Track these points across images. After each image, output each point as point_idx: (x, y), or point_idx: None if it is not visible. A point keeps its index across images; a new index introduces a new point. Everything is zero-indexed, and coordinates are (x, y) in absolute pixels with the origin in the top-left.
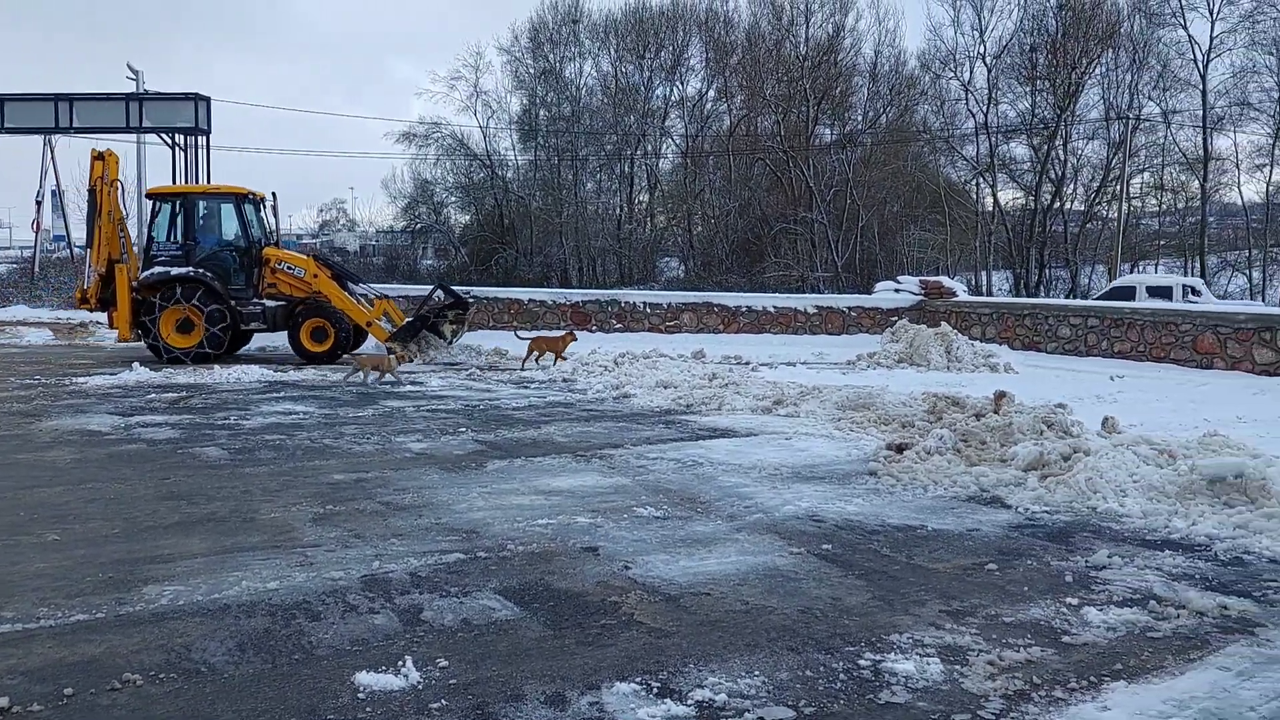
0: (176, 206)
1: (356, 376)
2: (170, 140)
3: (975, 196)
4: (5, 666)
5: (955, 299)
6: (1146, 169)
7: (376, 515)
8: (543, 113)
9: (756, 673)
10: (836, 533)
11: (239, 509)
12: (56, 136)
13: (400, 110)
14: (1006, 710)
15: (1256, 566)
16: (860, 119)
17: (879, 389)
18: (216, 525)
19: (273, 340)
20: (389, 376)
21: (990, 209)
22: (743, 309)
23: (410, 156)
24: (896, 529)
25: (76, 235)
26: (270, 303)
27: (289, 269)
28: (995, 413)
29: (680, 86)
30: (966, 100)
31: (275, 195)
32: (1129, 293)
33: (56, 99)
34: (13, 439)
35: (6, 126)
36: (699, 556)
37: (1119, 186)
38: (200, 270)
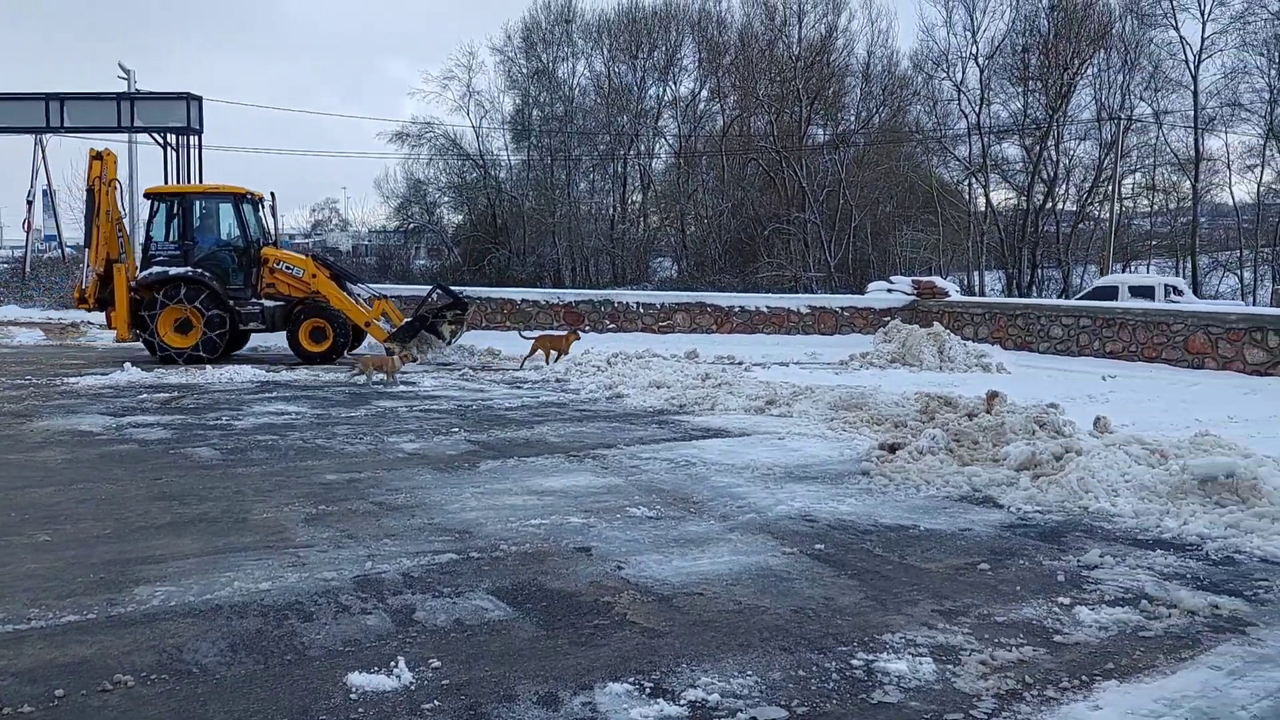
0: (175, 206)
1: (361, 377)
2: (162, 140)
3: (968, 197)
4: None
5: (948, 299)
6: (1138, 169)
7: (369, 516)
8: (536, 113)
9: (749, 672)
10: (829, 533)
11: (231, 509)
12: (48, 136)
13: (393, 110)
14: (999, 710)
15: (1247, 566)
16: (853, 119)
17: (872, 389)
18: (208, 526)
19: (265, 340)
20: (381, 376)
21: (983, 209)
22: (736, 309)
23: (403, 156)
24: (889, 529)
25: (68, 235)
26: (269, 303)
27: (288, 269)
28: (988, 412)
29: (673, 86)
30: (959, 100)
31: (274, 195)
32: (1111, 292)
33: (48, 98)
34: (3, 439)
35: None
36: (692, 556)
37: (1111, 187)
38: (199, 270)
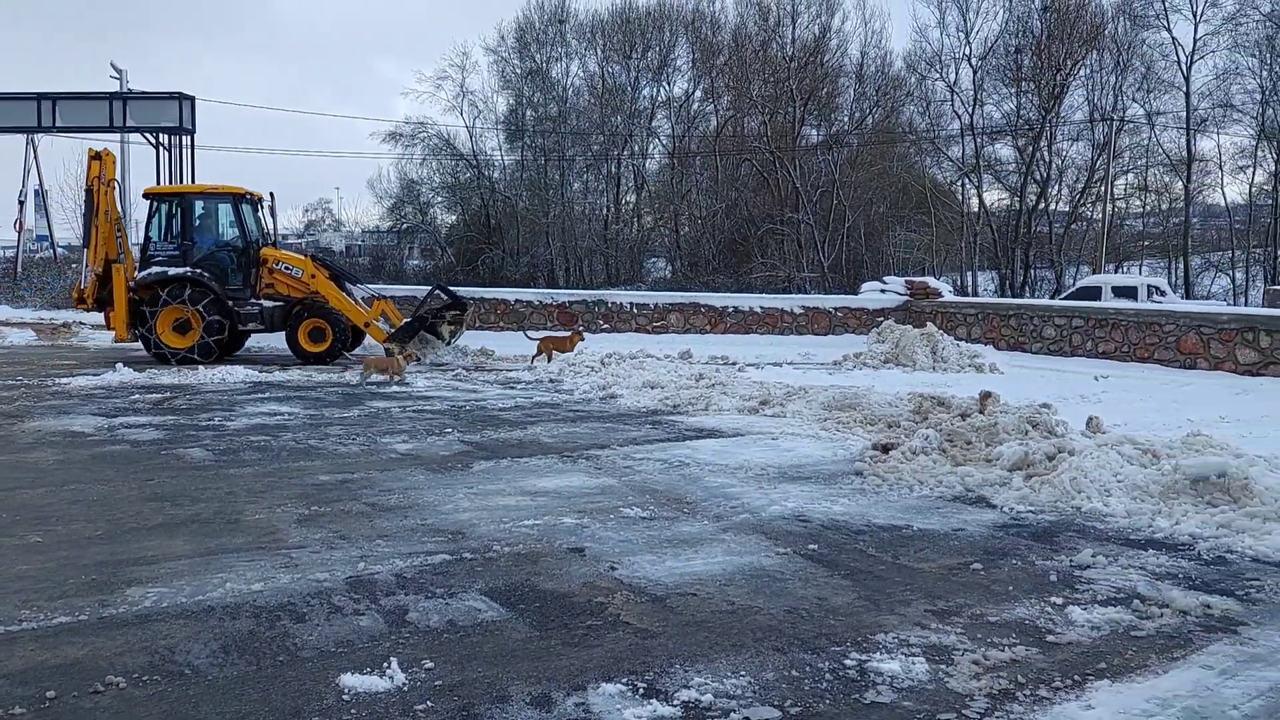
0: (173, 206)
1: (378, 376)
2: (154, 140)
3: (961, 197)
4: None
5: (941, 299)
6: (1130, 170)
7: (362, 516)
8: (529, 113)
9: (742, 673)
10: (822, 533)
11: (223, 510)
12: (40, 136)
13: (386, 110)
14: (991, 709)
15: (1239, 565)
16: (847, 120)
17: (865, 389)
18: (201, 526)
19: (258, 341)
20: (381, 376)
21: (976, 210)
22: (729, 309)
23: (396, 157)
24: (882, 529)
25: (60, 235)
26: (268, 303)
27: (287, 269)
28: (980, 413)
29: (667, 87)
30: (952, 101)
31: (273, 195)
32: (1095, 293)
33: (39, 98)
34: None
35: None
36: (685, 557)
37: (1103, 187)
38: (198, 270)
